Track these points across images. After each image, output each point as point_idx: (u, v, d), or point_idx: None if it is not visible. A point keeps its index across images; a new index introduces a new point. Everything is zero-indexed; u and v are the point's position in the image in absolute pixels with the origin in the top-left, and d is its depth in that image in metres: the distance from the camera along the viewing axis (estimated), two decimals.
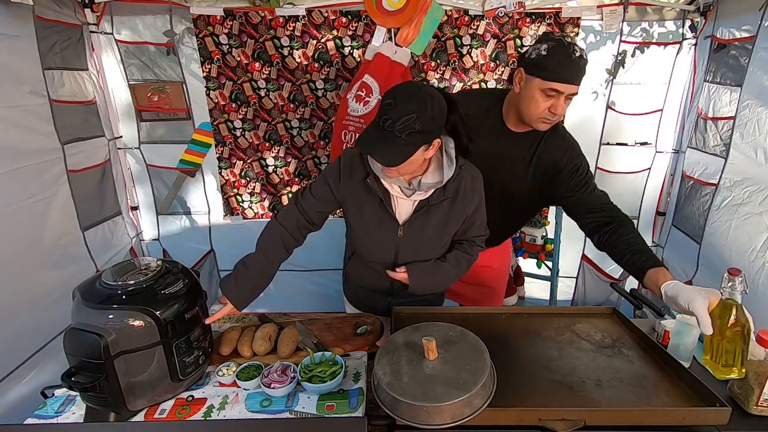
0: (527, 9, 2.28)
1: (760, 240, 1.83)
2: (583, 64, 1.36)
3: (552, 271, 2.51)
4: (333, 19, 2.35)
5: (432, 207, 1.36)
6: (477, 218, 1.47)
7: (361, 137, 1.22)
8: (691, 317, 1.26)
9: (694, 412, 1.04)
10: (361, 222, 1.42)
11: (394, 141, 1.16)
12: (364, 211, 1.40)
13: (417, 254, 1.44)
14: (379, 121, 1.17)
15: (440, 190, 1.34)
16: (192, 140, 2.62)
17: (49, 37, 2.05)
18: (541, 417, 1.03)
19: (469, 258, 1.51)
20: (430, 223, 1.39)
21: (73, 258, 2.18)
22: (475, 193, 1.41)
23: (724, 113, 2.12)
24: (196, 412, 1.13)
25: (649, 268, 1.32)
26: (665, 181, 2.66)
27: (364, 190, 1.36)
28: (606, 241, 1.46)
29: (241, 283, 1.36)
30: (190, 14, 2.34)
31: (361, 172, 1.36)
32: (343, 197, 1.40)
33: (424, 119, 1.15)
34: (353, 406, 1.13)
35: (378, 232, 1.40)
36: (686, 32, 2.34)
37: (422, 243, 1.42)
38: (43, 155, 2.01)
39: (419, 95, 1.17)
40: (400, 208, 1.38)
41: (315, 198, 1.42)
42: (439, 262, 1.47)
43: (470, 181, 1.39)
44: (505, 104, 1.53)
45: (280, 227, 1.42)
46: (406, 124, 1.14)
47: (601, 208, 1.50)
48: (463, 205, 1.40)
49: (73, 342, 1.04)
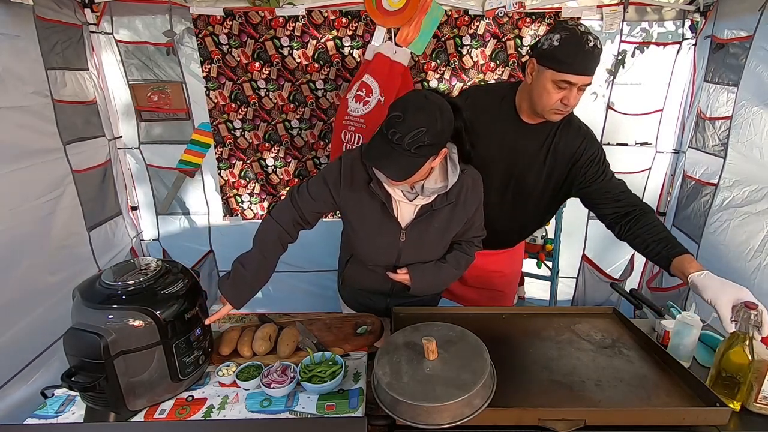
0: (527, 9, 2.28)
1: (758, 240, 1.84)
2: (597, 54, 1.32)
3: (552, 271, 2.50)
4: (333, 19, 2.35)
5: (435, 212, 1.35)
6: (476, 220, 1.47)
7: (369, 149, 1.20)
8: (690, 317, 1.26)
9: (694, 412, 1.04)
10: (363, 226, 1.40)
11: (402, 155, 1.14)
12: (365, 216, 1.38)
13: (418, 257, 1.44)
14: (387, 134, 1.14)
15: (443, 196, 1.34)
16: (191, 140, 2.62)
17: (50, 37, 2.05)
18: (541, 417, 1.03)
19: (467, 258, 1.52)
20: (433, 227, 1.38)
21: (77, 258, 2.19)
22: (476, 196, 1.41)
23: (722, 113, 2.12)
24: (196, 412, 1.13)
25: (675, 256, 1.29)
26: (665, 182, 2.66)
27: (367, 194, 1.35)
28: (628, 231, 1.43)
29: (238, 283, 1.35)
30: (189, 14, 2.33)
31: (363, 176, 1.34)
32: (344, 202, 1.39)
33: (434, 133, 1.13)
34: (353, 406, 1.13)
35: (380, 237, 1.40)
36: (686, 32, 2.34)
37: (424, 246, 1.42)
38: (46, 155, 2.01)
39: (428, 108, 1.14)
40: (403, 212, 1.37)
41: (312, 198, 1.39)
42: (440, 263, 1.47)
43: (471, 184, 1.39)
44: (518, 95, 1.51)
45: (275, 224, 1.40)
46: (415, 138, 1.11)
47: (619, 197, 1.48)
48: (465, 208, 1.39)
49: (73, 342, 1.04)
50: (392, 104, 1.18)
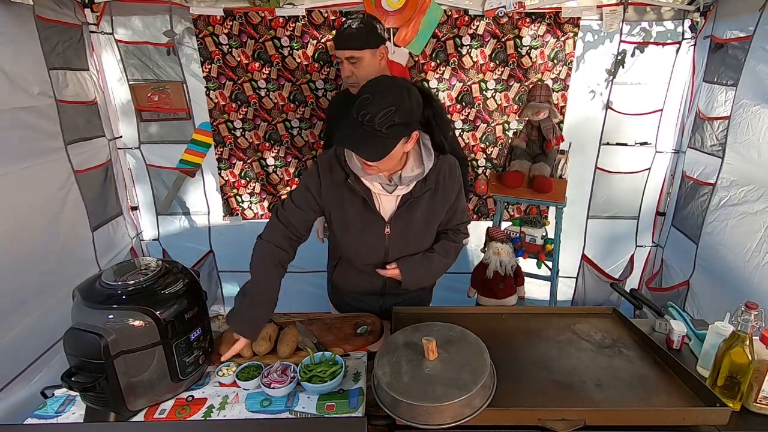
0: (527, 9, 2.28)
1: (755, 239, 1.84)
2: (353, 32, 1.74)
3: (552, 271, 2.50)
4: (333, 19, 2.35)
5: (415, 200, 1.37)
6: (459, 205, 1.48)
7: (340, 135, 1.21)
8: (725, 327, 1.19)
9: (694, 412, 1.04)
10: (347, 225, 1.41)
11: (374, 135, 1.16)
12: (348, 214, 1.39)
13: (406, 249, 1.45)
14: (357, 117, 1.16)
15: (421, 182, 1.36)
16: (192, 140, 2.61)
17: (50, 37, 2.05)
18: (541, 417, 1.03)
19: (456, 246, 1.52)
20: (416, 217, 1.40)
21: (80, 258, 2.19)
22: (454, 180, 1.42)
23: (720, 113, 2.12)
24: (196, 412, 1.13)
25: None
26: (665, 182, 2.66)
27: (347, 191, 1.36)
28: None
29: (244, 316, 1.31)
30: (190, 14, 2.33)
31: (341, 174, 1.35)
32: (326, 202, 1.39)
33: (403, 111, 1.16)
34: (353, 406, 1.13)
35: (365, 233, 1.40)
36: (686, 32, 2.34)
37: (410, 237, 1.42)
38: (49, 155, 2.02)
39: (395, 88, 1.18)
40: (384, 205, 1.39)
41: (298, 207, 1.39)
42: (428, 254, 1.48)
43: (448, 169, 1.40)
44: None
45: (267, 245, 1.38)
46: (385, 117, 1.14)
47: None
48: (445, 194, 1.41)
49: (73, 342, 1.04)
50: (361, 88, 1.21)
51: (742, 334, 1.06)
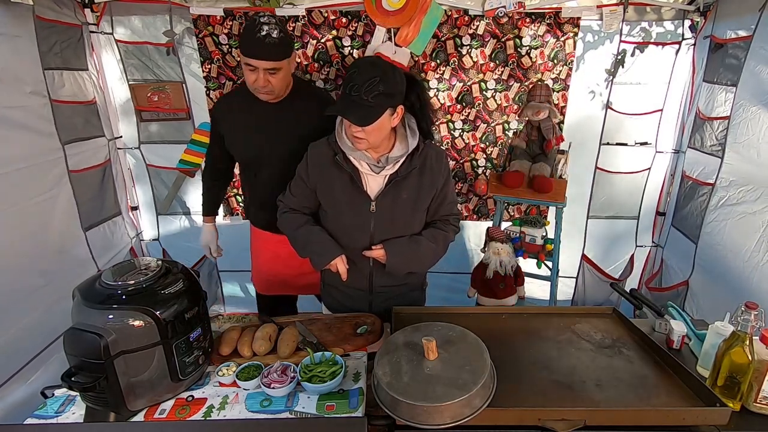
0: (527, 9, 2.27)
1: (755, 239, 1.84)
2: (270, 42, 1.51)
3: (552, 271, 2.50)
4: (333, 19, 2.35)
5: (401, 180, 1.42)
6: (447, 194, 1.53)
7: (333, 106, 1.35)
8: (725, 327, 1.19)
9: (694, 412, 1.04)
10: (333, 201, 1.47)
11: (361, 104, 1.27)
12: (335, 190, 1.45)
13: (391, 231, 1.48)
14: (346, 89, 1.28)
15: (407, 162, 1.41)
16: (192, 140, 2.61)
17: (49, 37, 2.05)
18: (541, 417, 1.03)
19: (444, 234, 1.55)
20: (401, 197, 1.44)
21: (75, 258, 2.18)
22: (441, 166, 1.48)
23: (720, 113, 2.12)
24: (196, 412, 1.13)
25: None
26: (665, 182, 2.66)
27: (335, 169, 1.43)
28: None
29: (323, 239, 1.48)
30: (189, 14, 2.33)
31: (329, 154, 1.43)
32: (315, 182, 1.48)
33: (387, 81, 1.27)
34: (353, 406, 1.13)
35: (351, 209, 1.46)
36: (685, 32, 2.34)
37: (395, 218, 1.46)
38: (44, 156, 2.01)
39: (380, 62, 1.32)
40: (371, 184, 1.44)
41: (294, 195, 1.53)
42: (415, 237, 1.51)
43: (435, 155, 1.47)
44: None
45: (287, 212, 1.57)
46: (371, 86, 1.24)
47: None
48: (431, 177, 1.46)
49: (73, 342, 1.04)
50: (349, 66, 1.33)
51: (742, 334, 1.06)
